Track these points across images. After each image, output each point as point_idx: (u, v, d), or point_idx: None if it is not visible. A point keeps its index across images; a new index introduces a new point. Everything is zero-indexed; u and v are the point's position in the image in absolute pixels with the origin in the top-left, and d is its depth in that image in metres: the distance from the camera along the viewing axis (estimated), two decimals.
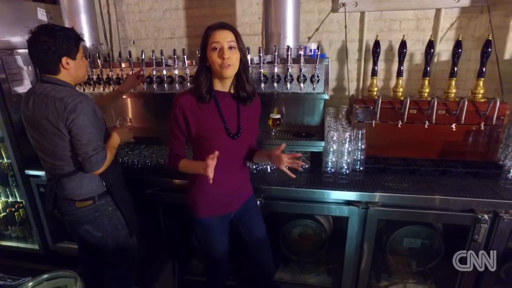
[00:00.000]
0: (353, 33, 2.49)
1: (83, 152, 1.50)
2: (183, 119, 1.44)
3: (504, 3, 2.28)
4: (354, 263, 2.02)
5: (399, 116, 2.06)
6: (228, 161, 1.51)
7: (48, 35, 1.45)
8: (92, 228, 1.70)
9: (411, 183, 1.92)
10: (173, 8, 2.66)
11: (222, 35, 1.35)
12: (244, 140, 1.55)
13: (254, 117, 1.62)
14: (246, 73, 1.46)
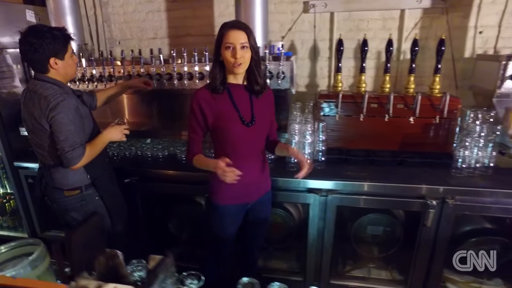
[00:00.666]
0: (324, 33, 2.63)
1: (60, 148, 1.62)
2: (199, 111, 1.55)
3: (463, 5, 2.41)
4: (317, 248, 2.15)
5: (361, 110, 2.20)
6: (245, 149, 1.60)
7: (36, 37, 1.55)
8: (78, 216, 1.80)
9: (368, 172, 2.05)
10: (155, 10, 2.82)
11: (236, 35, 1.44)
12: (260, 128, 1.62)
13: (269, 109, 1.71)
14: (258, 68, 1.56)
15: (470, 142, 1.98)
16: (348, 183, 1.97)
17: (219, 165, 1.40)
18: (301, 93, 2.73)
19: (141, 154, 2.38)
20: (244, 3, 2.23)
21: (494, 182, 1.91)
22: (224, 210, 1.69)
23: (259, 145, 1.68)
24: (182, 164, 2.27)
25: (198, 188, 2.10)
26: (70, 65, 1.71)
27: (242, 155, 1.58)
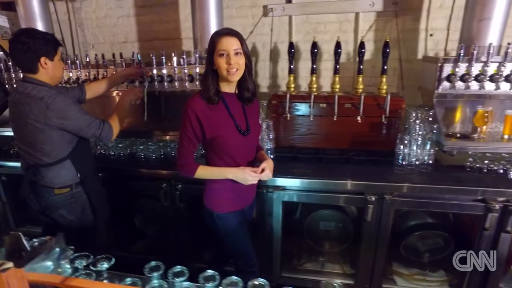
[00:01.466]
0: (284, 35, 2.73)
1: (92, 135, 1.78)
2: (196, 121, 1.50)
3: (413, 9, 2.50)
4: (267, 243, 2.25)
5: (310, 109, 2.29)
6: (241, 157, 1.61)
7: (28, 37, 1.64)
8: (66, 213, 1.88)
9: (314, 170, 2.15)
10: (125, 15, 2.95)
11: (229, 42, 1.42)
12: (254, 136, 1.65)
13: (257, 115, 1.73)
14: (250, 75, 1.55)
15: (409, 140, 2.07)
16: (293, 180, 2.07)
17: (250, 175, 1.54)
18: (263, 93, 2.83)
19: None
20: (199, 8, 2.34)
21: (431, 178, 1.99)
22: (230, 217, 1.68)
23: (252, 151, 1.71)
24: (141, 162, 2.39)
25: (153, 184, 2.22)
26: (58, 67, 1.80)
27: (238, 163, 1.60)
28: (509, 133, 2.01)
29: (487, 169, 2.04)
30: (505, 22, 2.02)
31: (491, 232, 1.93)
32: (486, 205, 1.88)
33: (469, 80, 1.99)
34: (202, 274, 1.11)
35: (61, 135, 1.74)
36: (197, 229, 2.42)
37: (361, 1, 2.53)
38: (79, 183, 1.88)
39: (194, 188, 2.23)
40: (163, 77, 2.39)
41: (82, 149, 1.89)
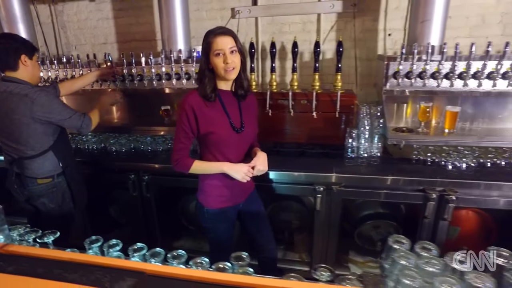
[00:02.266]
0: (251, 36, 2.87)
1: (74, 126, 1.99)
2: (193, 116, 1.54)
3: (371, 10, 2.62)
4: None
5: (270, 106, 2.44)
6: (234, 154, 1.65)
7: (9, 38, 1.89)
8: (48, 201, 2.03)
9: (271, 162, 2.27)
10: (104, 17, 3.12)
11: (224, 41, 1.45)
12: (248, 133, 1.67)
13: (253, 113, 1.75)
14: (245, 72, 1.60)
15: (357, 134, 2.20)
16: None
17: (242, 170, 1.58)
18: None
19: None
20: (165, 11, 2.50)
21: (377, 169, 2.12)
22: (220, 213, 1.72)
23: (246, 149, 1.73)
24: (112, 155, 2.56)
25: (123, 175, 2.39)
26: (37, 67, 2.00)
27: (230, 160, 1.63)
28: (449, 127, 2.13)
29: (430, 161, 2.15)
30: (444, 24, 2.13)
31: (431, 220, 2.05)
32: (425, 195, 2.00)
33: (412, 77, 2.10)
34: (131, 247, 1.27)
35: (45, 128, 1.93)
36: (164, 217, 2.59)
37: (322, 3, 2.66)
38: (61, 173, 2.06)
39: (161, 179, 2.40)
40: (133, 76, 2.55)
41: (63, 141, 2.08)
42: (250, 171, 1.60)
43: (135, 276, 0.98)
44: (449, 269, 0.97)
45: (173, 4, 2.46)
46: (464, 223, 2.27)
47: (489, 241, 2.27)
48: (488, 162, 2.10)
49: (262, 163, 1.64)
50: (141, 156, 2.52)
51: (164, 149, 2.56)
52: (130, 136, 2.68)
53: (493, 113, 2.21)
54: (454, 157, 2.09)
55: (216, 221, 1.75)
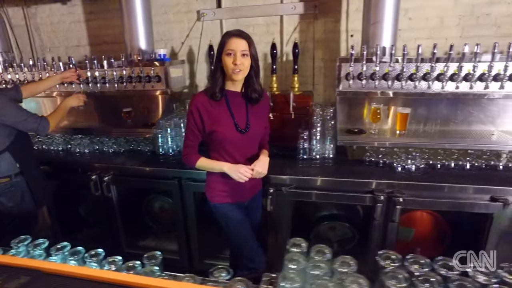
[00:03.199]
0: (217, 38, 2.86)
1: (30, 128, 2.06)
2: (198, 115, 1.61)
3: (334, 12, 2.63)
4: (185, 230, 2.43)
5: None
6: (238, 154, 1.69)
7: None
8: (6, 200, 2.12)
9: None
10: (76, 21, 3.18)
11: (237, 43, 1.51)
12: (253, 135, 1.71)
13: (264, 114, 1.81)
14: (257, 76, 1.63)
15: (309, 135, 2.21)
16: (200, 172, 2.24)
17: (239, 170, 1.61)
18: None
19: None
20: (127, 16, 2.54)
21: (328, 171, 2.13)
22: (225, 207, 1.78)
23: (252, 150, 1.77)
24: (75, 156, 2.62)
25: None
26: None
27: (234, 158, 1.68)
28: (400, 128, 2.13)
29: (382, 163, 2.16)
30: (395, 26, 2.14)
31: (380, 222, 2.06)
32: (373, 196, 2.01)
33: (363, 78, 2.11)
34: (53, 247, 1.31)
35: (0, 129, 1.98)
36: (128, 217, 2.64)
37: (284, 5, 2.68)
38: (18, 173, 2.11)
39: (122, 179, 2.44)
40: (97, 79, 2.60)
41: (21, 142, 2.13)
42: (247, 171, 1.63)
43: (31, 274, 1.02)
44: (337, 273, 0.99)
45: (134, 8, 2.51)
46: (419, 224, 2.27)
47: (444, 243, 2.27)
48: (438, 164, 2.10)
49: (261, 166, 1.69)
50: (103, 157, 2.57)
51: (126, 149, 2.61)
52: (94, 138, 2.72)
53: (445, 115, 2.21)
54: (404, 159, 2.09)
55: (223, 216, 1.81)
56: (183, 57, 3.03)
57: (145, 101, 2.69)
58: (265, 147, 1.86)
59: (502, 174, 2.03)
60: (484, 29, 2.44)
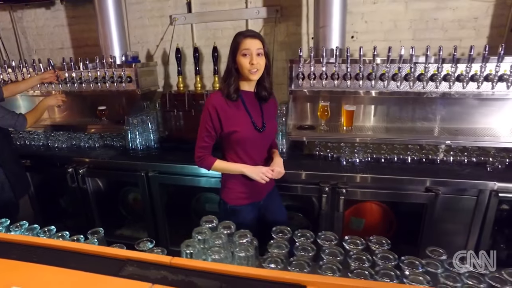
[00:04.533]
0: (188, 41, 3.09)
1: (8, 125, 2.23)
2: (216, 115, 1.60)
3: (295, 16, 2.81)
4: (153, 219, 2.62)
5: (193, 106, 2.64)
6: (255, 152, 1.71)
7: None
8: None
9: (184, 157, 2.48)
10: (60, 25, 3.39)
11: (252, 43, 1.52)
12: (269, 133, 1.73)
13: (273, 113, 1.81)
14: (269, 75, 1.65)
15: None
16: (164, 165, 2.43)
17: (261, 171, 1.63)
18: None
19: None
20: (101, 21, 2.74)
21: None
22: (241, 210, 1.75)
23: (267, 147, 1.80)
24: (54, 150, 2.82)
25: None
26: None
27: (252, 158, 1.69)
28: (346, 125, 2.30)
29: (330, 157, 2.33)
30: (342, 29, 2.31)
31: (327, 212, 2.22)
32: (319, 188, 2.17)
33: (311, 78, 2.27)
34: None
35: None
36: (104, 208, 2.83)
37: (248, 9, 2.86)
38: None
39: (96, 172, 2.64)
40: (74, 80, 2.81)
41: (0, 137, 2.30)
42: (269, 172, 1.66)
43: None
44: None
45: (108, 16, 2.71)
46: (369, 215, 2.43)
47: (390, 232, 2.44)
48: (382, 158, 2.26)
49: (280, 165, 1.73)
50: (79, 151, 2.76)
51: (100, 145, 2.81)
52: (71, 134, 2.92)
53: (390, 112, 2.37)
54: (348, 153, 2.26)
55: (238, 218, 1.73)
56: (158, 59, 3.22)
57: (118, 100, 2.89)
58: (275, 147, 1.89)
59: (439, 166, 2.19)
60: (433, 33, 2.60)
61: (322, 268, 0.99)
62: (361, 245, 1.10)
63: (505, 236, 2.25)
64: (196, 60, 2.72)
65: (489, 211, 2.02)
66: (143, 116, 2.58)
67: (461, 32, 2.54)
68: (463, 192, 2.04)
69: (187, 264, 1.05)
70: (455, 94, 2.16)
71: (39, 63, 2.87)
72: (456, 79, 2.11)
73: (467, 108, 2.32)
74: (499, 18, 2.44)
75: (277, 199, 1.97)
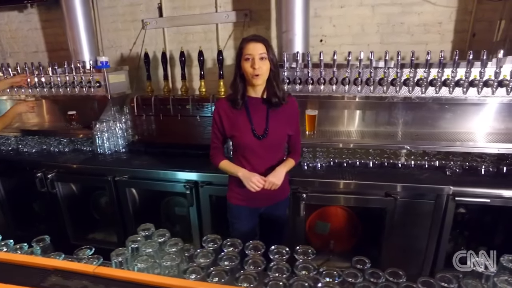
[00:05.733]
0: (160, 45, 3.09)
1: None
2: (219, 119, 1.69)
3: (264, 20, 2.82)
4: (122, 224, 2.62)
5: (161, 110, 2.65)
6: (256, 159, 1.69)
7: None
8: None
9: (152, 162, 2.50)
10: (33, 28, 3.38)
11: (255, 47, 1.53)
12: (272, 142, 1.67)
13: (288, 120, 1.72)
14: (277, 80, 1.64)
15: None
16: (131, 170, 2.44)
17: (251, 179, 1.61)
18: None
19: None
20: (69, 26, 2.75)
21: None
22: (236, 209, 1.81)
23: (273, 156, 1.73)
24: (24, 155, 2.82)
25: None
26: None
27: (251, 164, 1.69)
28: (309, 129, 2.31)
29: None
30: (306, 34, 2.32)
31: (289, 216, 2.22)
32: None
33: None
34: None
35: None
36: (76, 212, 2.83)
37: (218, 14, 2.87)
38: None
39: (66, 176, 2.64)
40: (44, 84, 2.81)
41: None
42: (260, 181, 1.62)
43: None
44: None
45: (76, 19, 2.72)
46: (334, 219, 2.44)
47: (356, 236, 2.45)
48: (344, 162, 2.27)
49: (276, 177, 1.65)
50: (48, 156, 2.77)
51: (70, 149, 2.81)
52: (41, 138, 2.93)
53: (354, 116, 2.38)
54: (309, 158, 2.27)
55: (235, 217, 1.84)
56: (132, 63, 3.22)
57: (90, 105, 2.89)
58: (293, 156, 1.81)
59: (399, 171, 2.20)
60: (400, 37, 2.61)
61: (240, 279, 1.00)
62: (286, 255, 1.11)
63: (465, 238, 2.27)
64: (164, 65, 2.72)
65: (447, 215, 2.03)
66: (111, 121, 2.59)
67: (427, 36, 2.55)
68: (422, 197, 2.06)
69: (110, 273, 1.06)
70: (415, 99, 2.18)
71: (8, 67, 2.86)
72: (416, 83, 2.12)
73: (429, 113, 2.33)
74: (462, 23, 2.45)
75: (281, 211, 1.92)
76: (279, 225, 1.92)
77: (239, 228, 1.84)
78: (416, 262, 2.18)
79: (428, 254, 2.15)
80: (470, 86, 2.03)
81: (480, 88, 2.01)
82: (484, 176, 2.10)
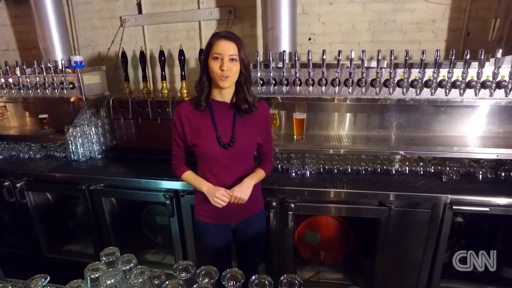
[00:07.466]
0: (140, 43, 2.91)
1: None
2: (180, 125, 1.50)
3: (250, 17, 2.66)
4: (98, 235, 2.44)
5: (140, 114, 2.47)
6: (222, 171, 1.51)
7: None
8: None
9: (129, 169, 2.32)
10: (2, 24, 3.15)
11: (225, 46, 1.35)
12: (240, 151, 1.51)
13: (258, 128, 1.57)
14: (248, 84, 1.46)
15: None
16: (105, 178, 2.26)
17: (215, 194, 1.45)
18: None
19: None
20: (39, 24, 2.54)
21: None
22: (204, 227, 1.64)
23: (240, 169, 1.56)
24: None
25: None
26: None
27: (216, 176, 1.52)
28: (297, 134, 2.16)
29: (281, 168, 2.19)
30: (293, 32, 2.16)
31: (277, 227, 2.08)
32: (266, 202, 2.01)
33: (258, 84, 2.11)
34: None
35: None
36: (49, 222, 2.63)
37: (201, 10, 2.70)
38: None
39: (38, 185, 2.44)
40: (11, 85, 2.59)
41: None
42: (224, 196, 1.46)
43: None
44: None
45: (46, 16, 2.52)
46: (324, 229, 2.30)
47: (348, 246, 2.31)
48: (334, 169, 2.13)
49: (241, 191, 1.49)
50: (18, 163, 2.56)
51: (42, 156, 2.61)
52: (10, 144, 2.72)
53: (345, 120, 2.24)
54: (297, 165, 2.12)
55: (203, 235, 1.68)
56: (110, 62, 3.02)
57: (63, 108, 2.69)
58: (263, 166, 1.65)
59: (393, 178, 2.07)
60: (392, 35, 2.49)
61: None
62: (269, 286, 0.95)
63: (462, 247, 2.15)
64: (143, 64, 2.54)
65: (444, 225, 1.91)
66: (85, 125, 2.39)
67: (420, 34, 2.43)
68: (418, 206, 1.93)
69: None
70: (410, 101, 2.05)
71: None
72: (410, 84, 1.99)
73: (424, 115, 2.21)
74: (456, 21, 2.34)
75: (257, 225, 1.72)
76: (255, 240, 1.74)
77: (210, 246, 1.67)
78: (412, 274, 2.06)
79: (424, 266, 2.03)
80: (467, 88, 1.91)
81: (478, 90, 1.89)
82: (482, 183, 1.98)
